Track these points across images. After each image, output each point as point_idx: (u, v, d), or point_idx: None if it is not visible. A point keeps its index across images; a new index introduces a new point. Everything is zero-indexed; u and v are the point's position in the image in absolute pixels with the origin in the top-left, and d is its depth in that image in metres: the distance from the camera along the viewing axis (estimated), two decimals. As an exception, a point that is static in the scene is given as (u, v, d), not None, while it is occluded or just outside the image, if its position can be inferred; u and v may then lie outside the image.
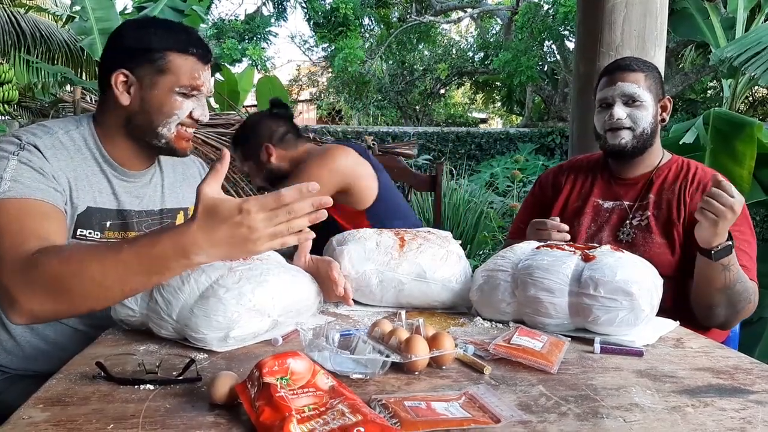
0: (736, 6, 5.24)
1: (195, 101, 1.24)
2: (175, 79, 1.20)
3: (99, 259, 0.93)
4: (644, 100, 1.55)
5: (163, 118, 1.22)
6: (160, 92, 1.20)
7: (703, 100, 11.20)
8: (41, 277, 0.95)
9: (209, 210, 0.89)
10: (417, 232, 1.42)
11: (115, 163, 1.26)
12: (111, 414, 0.75)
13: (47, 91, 7.36)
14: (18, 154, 1.12)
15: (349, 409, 0.70)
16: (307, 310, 1.18)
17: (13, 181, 1.08)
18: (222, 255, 0.92)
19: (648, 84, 1.57)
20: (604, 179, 1.68)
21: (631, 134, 1.56)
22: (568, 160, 1.88)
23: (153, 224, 1.31)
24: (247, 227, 0.88)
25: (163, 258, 0.91)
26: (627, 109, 1.56)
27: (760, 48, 3.39)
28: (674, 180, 1.59)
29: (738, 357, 1.05)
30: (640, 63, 1.60)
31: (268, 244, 0.90)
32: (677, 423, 0.76)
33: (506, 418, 0.75)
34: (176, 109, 1.22)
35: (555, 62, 12.37)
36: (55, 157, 1.17)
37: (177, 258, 0.91)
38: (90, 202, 1.22)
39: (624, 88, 1.56)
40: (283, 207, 0.88)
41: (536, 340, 1.03)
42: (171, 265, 0.92)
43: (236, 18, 13.33)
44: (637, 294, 1.08)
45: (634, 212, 1.59)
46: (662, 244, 1.51)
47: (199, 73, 1.22)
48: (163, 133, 1.23)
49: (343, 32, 11.65)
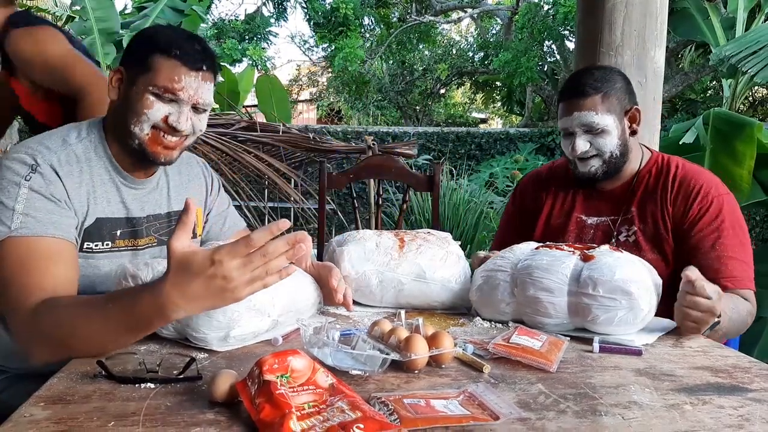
0: (736, 6, 5.25)
1: (173, 107, 1.17)
2: (152, 77, 1.16)
3: (87, 320, 0.95)
4: (605, 125, 1.46)
5: (134, 116, 1.17)
6: (138, 89, 1.17)
7: (703, 100, 11.20)
8: (42, 335, 0.99)
9: (180, 265, 0.87)
10: (417, 233, 1.43)
11: (124, 172, 1.24)
12: (112, 412, 0.75)
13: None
14: (30, 178, 1.09)
15: (349, 407, 0.71)
16: (307, 310, 1.18)
17: (25, 215, 1.06)
18: (202, 308, 0.91)
19: (607, 105, 1.47)
20: (585, 192, 1.62)
21: (599, 160, 1.49)
22: (546, 165, 1.79)
23: (161, 227, 1.31)
24: (222, 278, 0.86)
25: (144, 317, 0.91)
26: (588, 136, 1.48)
27: (759, 47, 3.40)
28: (654, 187, 1.52)
29: (737, 356, 1.05)
30: (597, 81, 1.48)
31: (248, 289, 0.88)
32: (676, 420, 0.77)
33: (505, 415, 0.75)
34: (147, 108, 1.16)
35: (555, 62, 12.38)
36: (71, 175, 1.15)
37: (157, 316, 0.91)
38: (100, 213, 1.20)
39: (581, 119, 1.47)
40: (257, 251, 0.86)
41: (535, 340, 1.03)
42: (153, 322, 0.92)
43: (236, 18, 13.35)
44: (636, 293, 1.09)
45: (619, 227, 1.53)
46: (655, 259, 1.45)
47: (180, 78, 1.16)
48: (135, 133, 1.17)
49: (343, 32, 11.66)
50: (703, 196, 1.45)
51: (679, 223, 1.46)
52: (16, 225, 1.05)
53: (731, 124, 2.76)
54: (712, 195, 1.45)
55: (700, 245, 1.42)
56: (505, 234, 1.76)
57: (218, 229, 1.48)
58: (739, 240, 1.42)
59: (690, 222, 1.44)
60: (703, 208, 1.44)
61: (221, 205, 1.50)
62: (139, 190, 1.28)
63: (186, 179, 1.41)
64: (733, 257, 1.39)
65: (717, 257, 1.39)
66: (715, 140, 2.76)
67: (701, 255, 1.41)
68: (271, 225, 0.87)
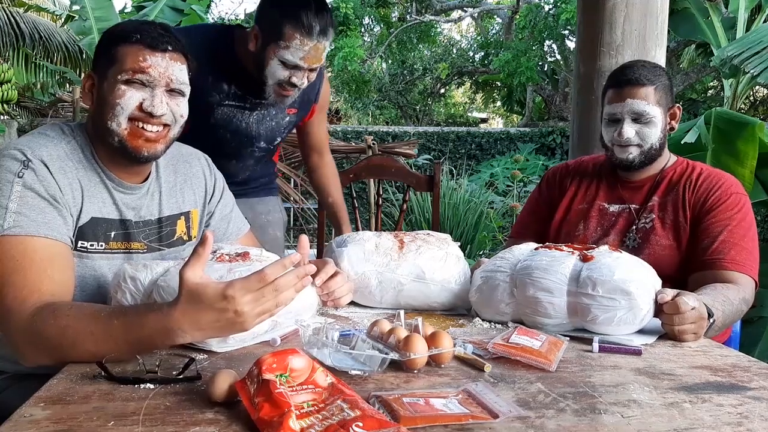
0: (737, 6, 5.24)
1: (145, 92, 1.14)
2: (119, 66, 1.14)
3: (92, 332, 0.94)
4: (654, 116, 1.52)
5: (109, 109, 1.14)
6: (108, 83, 1.15)
7: (704, 100, 11.20)
8: (41, 340, 0.97)
9: (192, 295, 0.88)
10: (416, 234, 1.43)
11: (113, 175, 1.22)
12: (111, 412, 0.76)
13: (46, 91, 7.36)
14: (23, 175, 1.07)
15: (348, 406, 0.71)
16: (306, 311, 1.18)
17: (17, 213, 1.05)
18: (208, 336, 0.93)
19: (657, 97, 1.52)
20: (609, 182, 1.67)
21: (639, 150, 1.54)
22: (574, 159, 1.86)
23: (151, 233, 1.29)
24: (233, 312, 0.87)
25: (148, 338, 0.92)
26: (636, 125, 1.53)
27: (761, 47, 3.40)
28: (678, 180, 1.57)
29: (737, 356, 1.05)
30: (650, 74, 1.53)
31: (256, 321, 0.90)
32: (675, 418, 0.77)
33: (504, 413, 0.75)
34: (119, 97, 1.13)
35: (555, 62, 12.38)
36: (63, 170, 1.14)
37: (162, 339, 0.91)
38: (95, 212, 1.19)
39: (633, 106, 1.51)
40: (269, 286, 0.87)
41: (535, 340, 1.03)
42: (157, 344, 0.93)
43: (236, 18, 13.35)
44: (635, 293, 1.09)
45: (640, 215, 1.57)
46: (670, 246, 1.50)
47: (145, 58, 1.13)
48: (113, 129, 1.15)
49: (343, 31, 11.66)
50: (724, 191, 1.50)
51: (697, 212, 1.50)
52: (9, 224, 1.04)
53: (733, 124, 2.76)
54: (732, 191, 1.50)
55: (710, 229, 1.46)
56: (526, 219, 1.80)
57: (221, 233, 1.45)
58: (750, 234, 1.46)
59: (707, 208, 1.49)
60: (721, 199, 1.49)
61: (225, 207, 1.47)
62: (130, 195, 1.25)
63: (182, 179, 1.37)
64: (739, 244, 1.43)
65: (723, 241, 1.43)
66: (717, 140, 2.76)
67: (709, 237, 1.45)
68: (284, 259, 0.89)
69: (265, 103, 1.78)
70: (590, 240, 1.60)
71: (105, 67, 1.16)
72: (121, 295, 1.08)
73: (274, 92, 1.67)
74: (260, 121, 1.80)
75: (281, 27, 1.56)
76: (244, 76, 1.72)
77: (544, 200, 1.79)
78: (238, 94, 1.74)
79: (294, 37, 1.56)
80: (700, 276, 1.41)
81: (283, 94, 1.67)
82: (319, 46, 1.58)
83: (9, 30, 7.12)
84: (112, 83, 1.14)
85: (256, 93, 1.74)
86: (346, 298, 1.31)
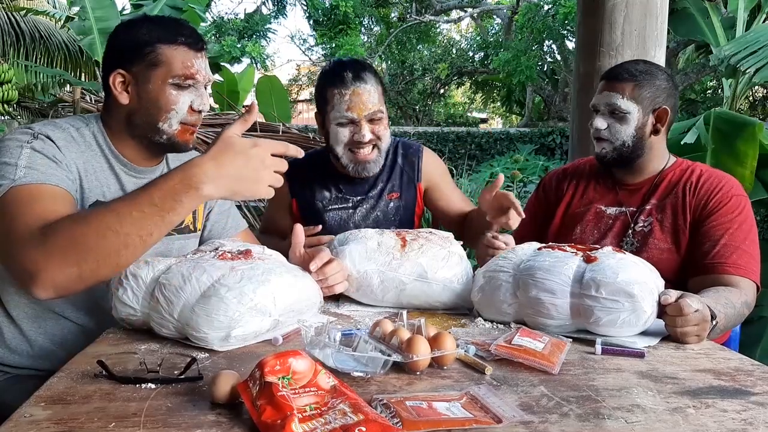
0: (737, 6, 5.24)
1: (193, 92, 1.23)
2: (167, 70, 1.20)
3: (113, 208, 0.97)
4: (627, 112, 1.51)
5: (162, 113, 1.21)
6: (155, 86, 1.20)
7: (703, 100, 11.20)
8: (59, 241, 0.94)
9: (226, 143, 0.96)
10: (419, 233, 1.42)
11: (125, 159, 1.27)
12: (112, 413, 0.75)
13: (47, 91, 7.34)
14: (31, 143, 1.13)
15: (351, 409, 0.70)
16: (308, 310, 1.18)
17: (27, 168, 1.09)
18: (228, 188, 0.97)
19: (636, 94, 1.50)
20: (607, 185, 1.66)
21: (610, 146, 1.54)
22: (572, 162, 1.85)
23: None
24: (260, 161, 0.97)
25: (172, 191, 0.95)
26: (610, 119, 1.53)
27: (759, 46, 3.39)
28: (677, 182, 1.56)
29: (740, 359, 1.05)
30: (637, 71, 1.52)
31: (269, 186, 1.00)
32: (679, 424, 0.76)
33: (508, 418, 0.75)
34: (173, 103, 1.21)
35: (555, 62, 12.37)
36: (67, 149, 1.19)
37: (186, 189, 0.95)
38: (99, 196, 1.22)
39: (608, 98, 1.52)
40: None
41: (538, 341, 1.03)
42: (181, 198, 0.95)
43: (236, 17, 13.34)
44: (639, 295, 1.08)
45: (637, 218, 1.56)
46: (668, 249, 1.49)
47: (192, 62, 1.21)
48: (164, 129, 1.23)
49: (343, 30, 11.67)
50: (725, 193, 1.49)
51: (698, 215, 1.49)
52: (20, 176, 1.07)
53: (732, 124, 2.76)
54: (732, 193, 1.49)
55: (711, 232, 1.45)
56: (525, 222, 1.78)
57: (220, 228, 1.48)
58: (750, 237, 1.45)
59: (707, 212, 1.48)
60: (722, 202, 1.48)
61: (224, 203, 1.51)
62: (139, 179, 1.29)
63: None
64: (741, 248, 1.42)
65: (725, 245, 1.42)
66: (717, 140, 2.76)
67: (710, 241, 1.44)
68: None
69: (366, 198, 1.81)
70: (587, 243, 1.59)
71: (144, 68, 1.20)
72: (122, 292, 1.08)
73: (350, 161, 1.68)
74: (366, 216, 1.81)
75: (324, 94, 1.66)
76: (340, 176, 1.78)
77: (542, 204, 1.79)
78: (339, 197, 1.80)
79: (334, 93, 1.62)
80: (702, 280, 1.41)
81: (358, 158, 1.67)
82: (357, 90, 1.61)
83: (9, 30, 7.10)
84: (161, 85, 1.20)
85: (356, 190, 1.79)
86: (341, 286, 1.31)
